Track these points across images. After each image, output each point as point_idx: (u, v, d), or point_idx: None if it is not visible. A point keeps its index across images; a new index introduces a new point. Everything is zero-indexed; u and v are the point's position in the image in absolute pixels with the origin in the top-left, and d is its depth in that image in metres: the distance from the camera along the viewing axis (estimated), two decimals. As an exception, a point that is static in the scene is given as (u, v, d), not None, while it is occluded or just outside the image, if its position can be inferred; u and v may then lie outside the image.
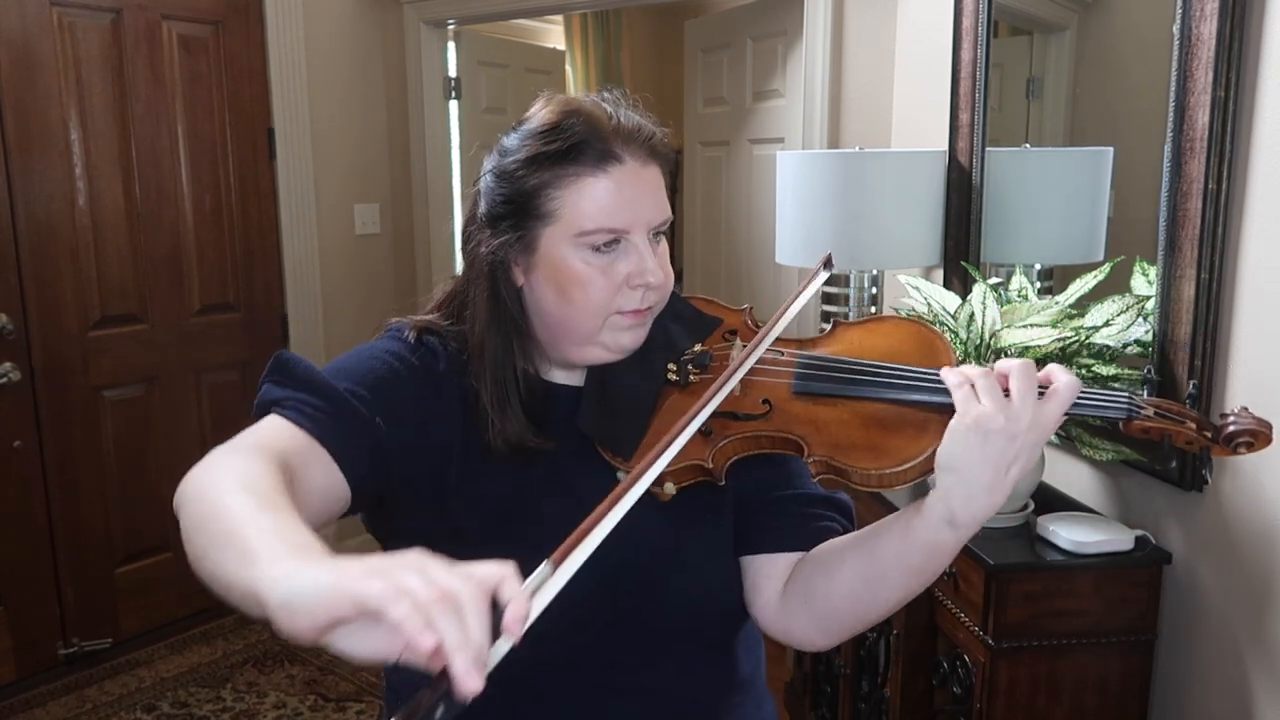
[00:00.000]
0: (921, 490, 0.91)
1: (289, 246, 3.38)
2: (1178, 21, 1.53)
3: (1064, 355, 1.62)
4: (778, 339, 0.99)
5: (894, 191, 2.12)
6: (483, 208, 0.99)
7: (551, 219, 0.95)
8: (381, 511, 1.00)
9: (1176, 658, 1.66)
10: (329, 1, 3.44)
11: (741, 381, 0.95)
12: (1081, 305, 1.70)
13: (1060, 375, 0.85)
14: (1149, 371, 1.61)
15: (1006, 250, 2.16)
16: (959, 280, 2.20)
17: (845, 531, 1.03)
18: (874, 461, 0.88)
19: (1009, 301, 1.75)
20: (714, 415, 0.92)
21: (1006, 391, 0.84)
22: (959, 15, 2.21)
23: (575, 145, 0.94)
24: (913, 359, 0.93)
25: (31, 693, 2.81)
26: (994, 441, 0.82)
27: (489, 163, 1.00)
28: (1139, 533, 1.62)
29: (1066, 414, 0.86)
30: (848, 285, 2.31)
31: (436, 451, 0.97)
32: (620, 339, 0.98)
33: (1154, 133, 1.60)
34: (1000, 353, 1.64)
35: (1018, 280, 1.83)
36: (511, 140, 0.98)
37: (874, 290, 2.32)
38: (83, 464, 2.93)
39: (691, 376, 0.98)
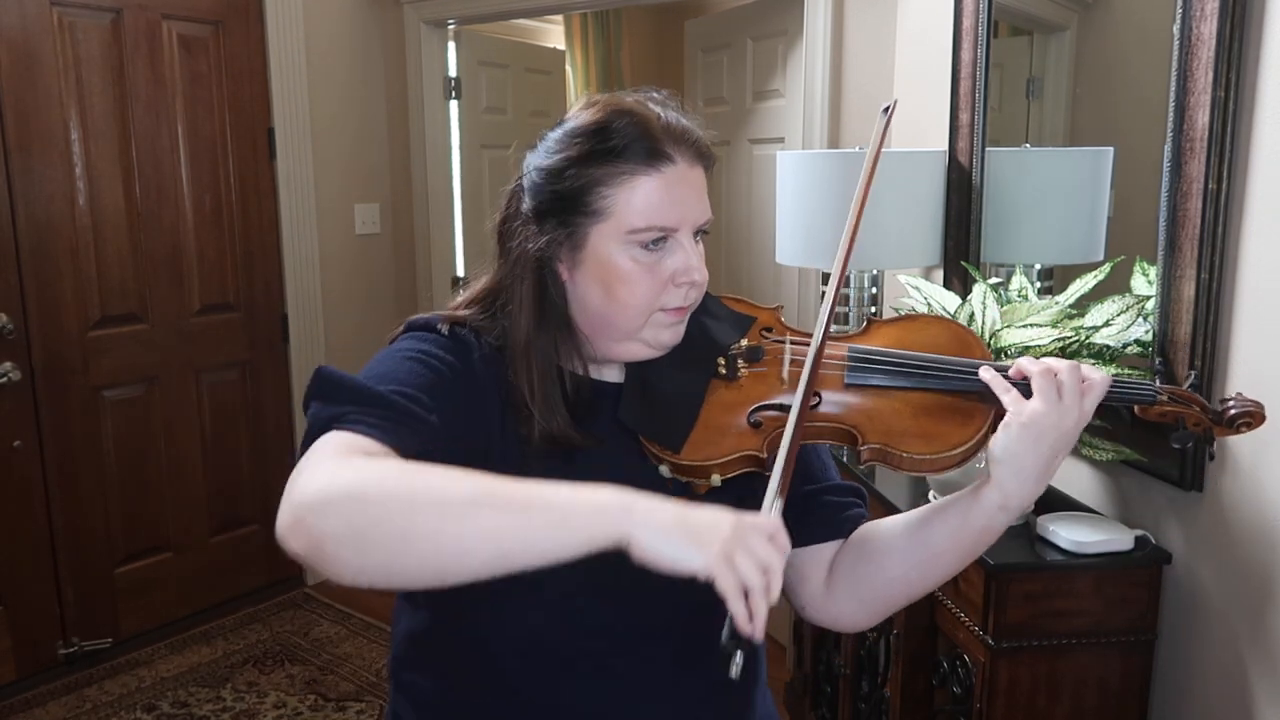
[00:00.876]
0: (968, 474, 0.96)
1: (289, 246, 3.38)
2: (1178, 21, 1.53)
3: (1064, 355, 1.62)
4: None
5: (894, 191, 2.12)
6: (528, 204, 0.99)
7: (602, 216, 0.95)
8: None
9: (1176, 658, 1.66)
10: (329, 1, 3.44)
11: (794, 372, 0.99)
12: (1081, 305, 1.70)
13: (1093, 372, 0.93)
14: (1159, 364, 1.61)
15: (1006, 250, 2.16)
16: (959, 280, 2.20)
17: (866, 514, 1.10)
18: (926, 447, 0.94)
19: (1009, 301, 1.75)
20: (764, 408, 0.97)
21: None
22: (959, 15, 2.21)
23: (628, 144, 0.95)
24: (950, 351, 1.00)
25: (31, 693, 2.81)
26: (1046, 436, 0.90)
27: (533, 159, 1.00)
28: (1139, 533, 1.62)
29: (1106, 404, 0.95)
30: (848, 285, 2.31)
31: (479, 447, 0.97)
32: (661, 335, 0.99)
33: (1154, 133, 1.60)
34: (1000, 353, 1.64)
35: (1018, 280, 1.83)
36: (558, 138, 0.99)
37: (874, 290, 2.32)
38: (83, 464, 2.93)
39: (740, 371, 1.01)
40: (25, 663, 2.86)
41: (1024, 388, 0.92)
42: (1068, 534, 1.60)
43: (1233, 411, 0.96)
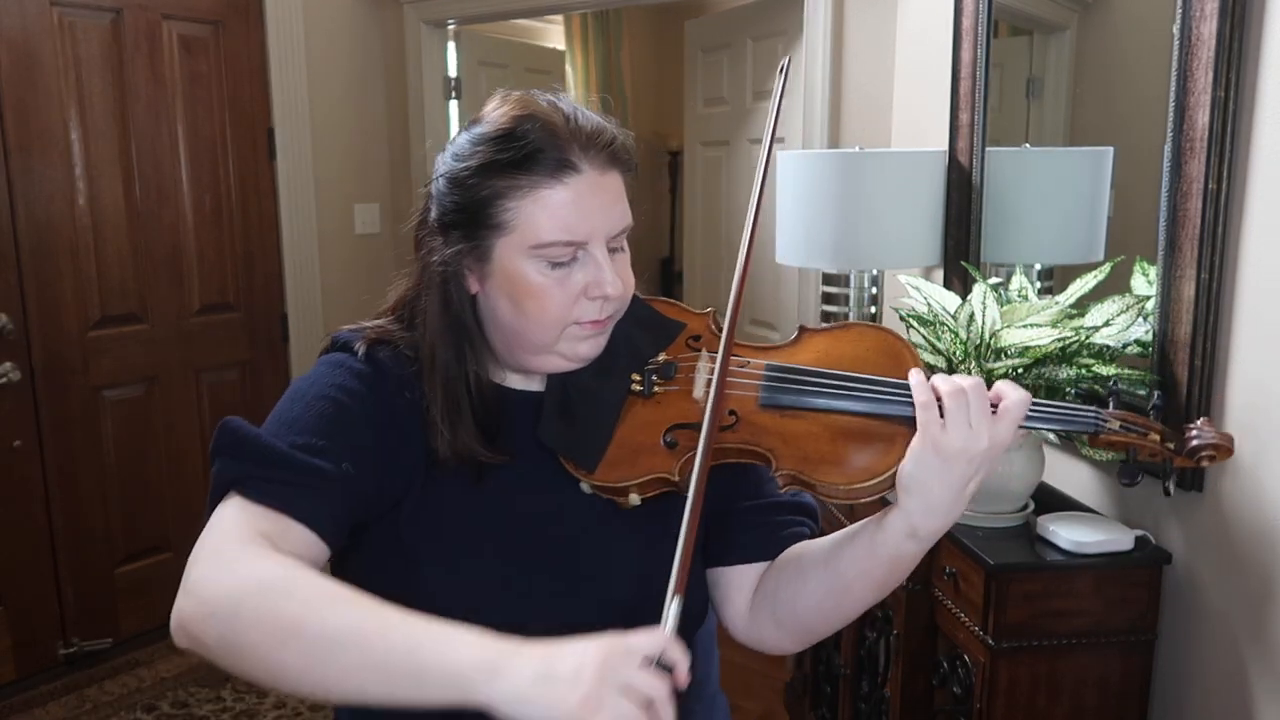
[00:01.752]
0: (883, 502, 0.91)
1: (289, 246, 3.38)
2: (1178, 21, 1.53)
3: (1064, 355, 1.62)
4: (747, 346, 0.97)
5: (894, 191, 2.12)
6: (434, 213, 0.96)
7: (505, 230, 0.91)
8: (353, 540, 0.96)
9: (1176, 658, 1.66)
10: (329, 1, 3.44)
11: (708, 391, 0.92)
12: (1081, 305, 1.70)
13: (1010, 392, 0.85)
14: (1158, 364, 1.61)
15: (1006, 250, 2.16)
16: (959, 280, 2.20)
17: (813, 534, 1.03)
18: (843, 476, 0.87)
19: (1009, 301, 1.75)
20: (679, 427, 0.92)
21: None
22: (959, 15, 2.21)
23: (530, 154, 0.89)
24: (881, 368, 0.92)
25: (31, 693, 2.81)
26: (953, 464, 0.83)
27: (441, 165, 0.96)
28: (1139, 533, 1.62)
29: (1032, 428, 0.88)
30: (848, 285, 2.31)
31: (400, 479, 0.94)
32: (578, 349, 0.95)
33: (1154, 133, 1.60)
34: (1001, 353, 1.64)
35: (1018, 280, 1.83)
36: (464, 143, 0.94)
37: (874, 290, 2.32)
38: (83, 464, 2.93)
39: (656, 387, 0.96)
40: (25, 663, 2.85)
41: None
42: (1068, 534, 1.60)
43: (1194, 442, 0.86)
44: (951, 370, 1.69)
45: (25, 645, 2.85)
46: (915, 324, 1.77)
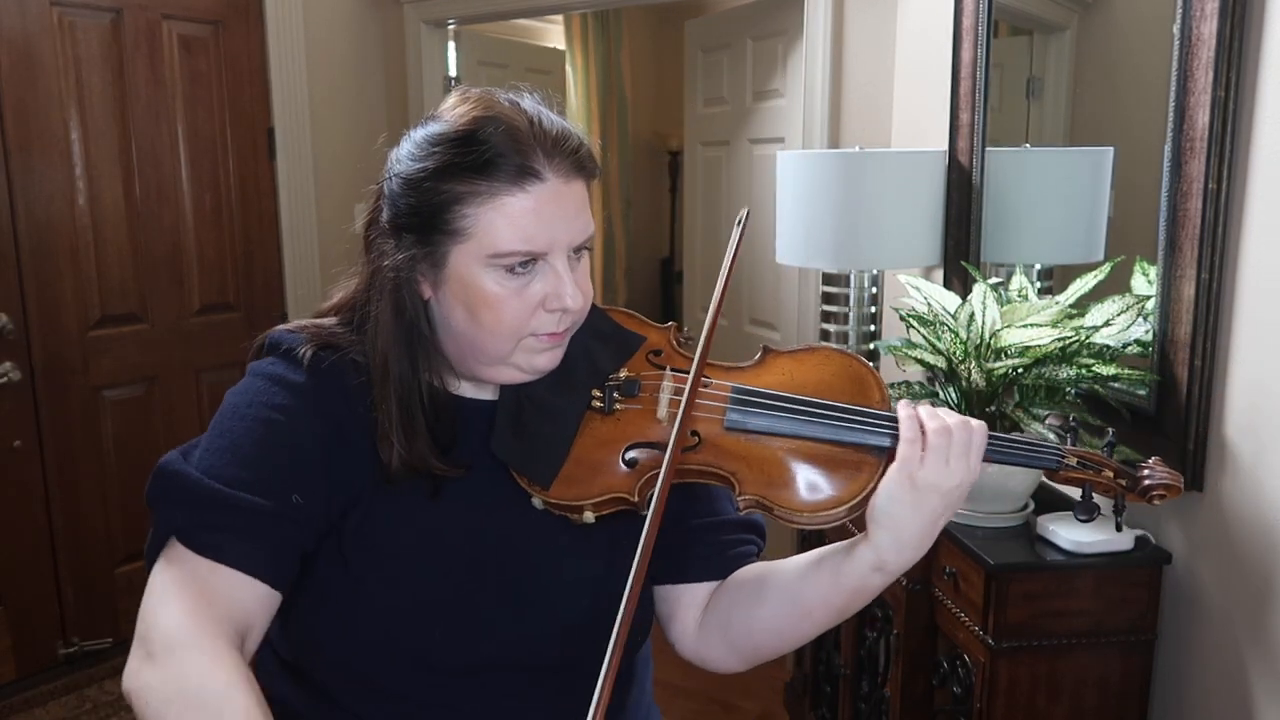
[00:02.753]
0: (846, 531, 0.91)
1: (289, 246, 3.38)
2: (1178, 21, 1.53)
3: (1064, 355, 1.62)
4: (712, 365, 0.95)
5: (894, 191, 2.12)
6: (386, 214, 0.91)
7: (462, 237, 0.86)
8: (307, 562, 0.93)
9: (1176, 658, 1.66)
10: (329, 1, 3.44)
11: (671, 412, 0.91)
12: (1081, 305, 1.70)
13: (974, 427, 0.86)
14: (1158, 365, 1.61)
15: (1006, 250, 2.16)
16: (959, 280, 2.20)
17: (759, 551, 1.02)
18: (807, 503, 0.87)
19: (1009, 301, 1.75)
20: (639, 446, 0.90)
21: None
22: (959, 15, 2.21)
23: (492, 159, 0.85)
24: (845, 394, 0.92)
25: (31, 692, 2.81)
26: (928, 500, 0.83)
27: (394, 163, 0.91)
28: (1139, 533, 1.62)
29: (995, 462, 0.89)
30: (848, 285, 2.31)
31: (346, 494, 0.91)
32: (535, 360, 0.92)
33: (1154, 133, 1.60)
34: (1001, 352, 1.64)
35: (1018, 280, 1.83)
36: (420, 142, 0.89)
37: (874, 290, 2.32)
38: (83, 464, 2.93)
39: (617, 405, 0.93)
40: (25, 662, 2.85)
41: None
42: (1068, 534, 1.60)
43: (1146, 482, 0.90)
44: (952, 370, 1.69)
45: (25, 645, 2.85)
46: (915, 324, 1.77)
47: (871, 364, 0.95)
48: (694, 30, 3.79)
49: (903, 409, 0.87)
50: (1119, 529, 0.95)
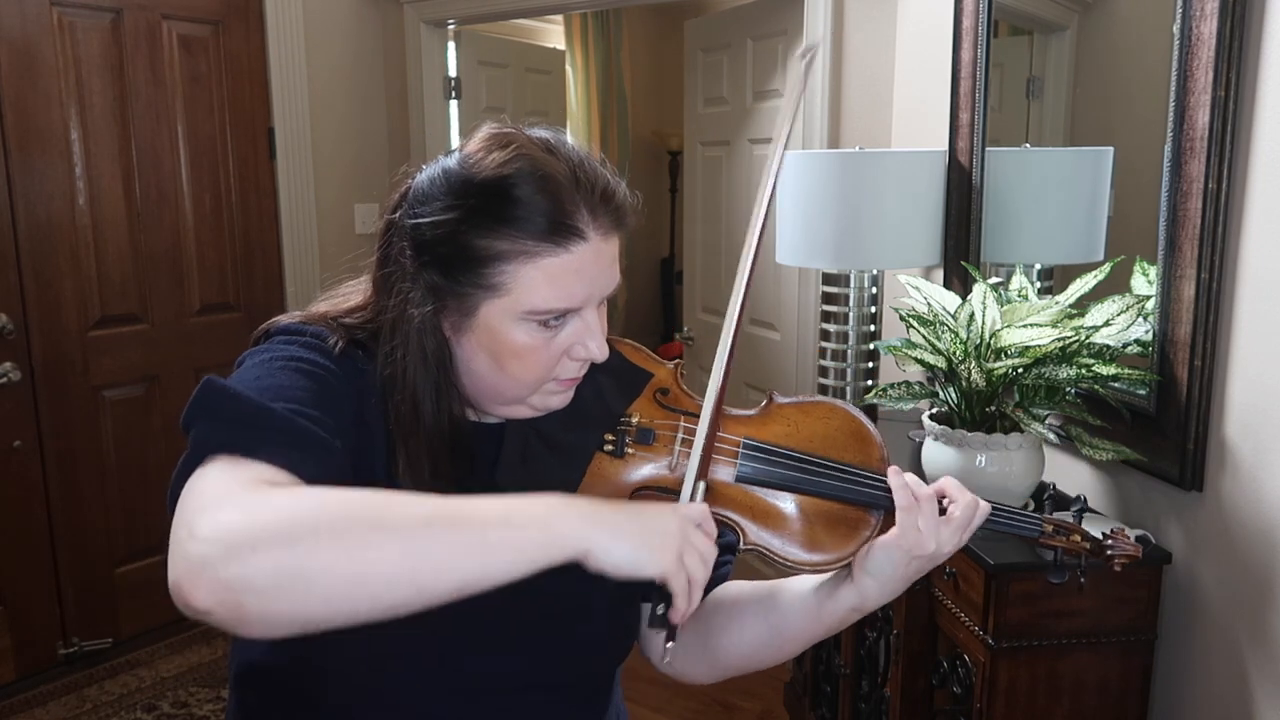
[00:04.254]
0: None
1: (289, 246, 3.38)
2: (1178, 21, 1.53)
3: (1064, 355, 1.62)
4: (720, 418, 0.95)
5: (894, 191, 2.12)
6: (410, 256, 0.85)
7: (498, 292, 0.83)
8: None
9: (1176, 658, 1.66)
10: (329, 1, 3.44)
11: (682, 456, 0.93)
12: (1082, 305, 1.70)
13: (979, 504, 0.92)
14: (1158, 365, 1.61)
15: (1006, 250, 2.16)
16: (959, 280, 2.20)
17: (730, 573, 1.05)
18: (809, 557, 0.92)
19: (1009, 301, 1.75)
20: (648, 489, 0.92)
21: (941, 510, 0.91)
22: (959, 15, 2.21)
23: (532, 218, 0.82)
24: (848, 451, 0.96)
25: (31, 693, 2.81)
26: (917, 562, 0.90)
27: (419, 204, 0.86)
28: (1139, 533, 1.62)
29: (988, 530, 0.95)
30: (848, 285, 2.31)
31: (365, 481, 0.87)
32: (549, 401, 0.91)
33: (1154, 133, 1.60)
34: (1001, 352, 1.64)
35: (1018, 280, 1.83)
36: (455, 186, 0.84)
37: (874, 290, 2.32)
38: (83, 464, 2.93)
39: (629, 450, 0.93)
40: (25, 663, 2.86)
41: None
42: (1068, 534, 1.60)
43: (1109, 552, 1.00)
44: (952, 370, 1.69)
45: (25, 645, 2.85)
46: (915, 324, 1.77)
47: (872, 422, 0.99)
48: (694, 30, 3.79)
49: (894, 478, 0.91)
50: (1080, 588, 1.04)
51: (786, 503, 0.93)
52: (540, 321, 0.85)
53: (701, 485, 0.82)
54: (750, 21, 3.32)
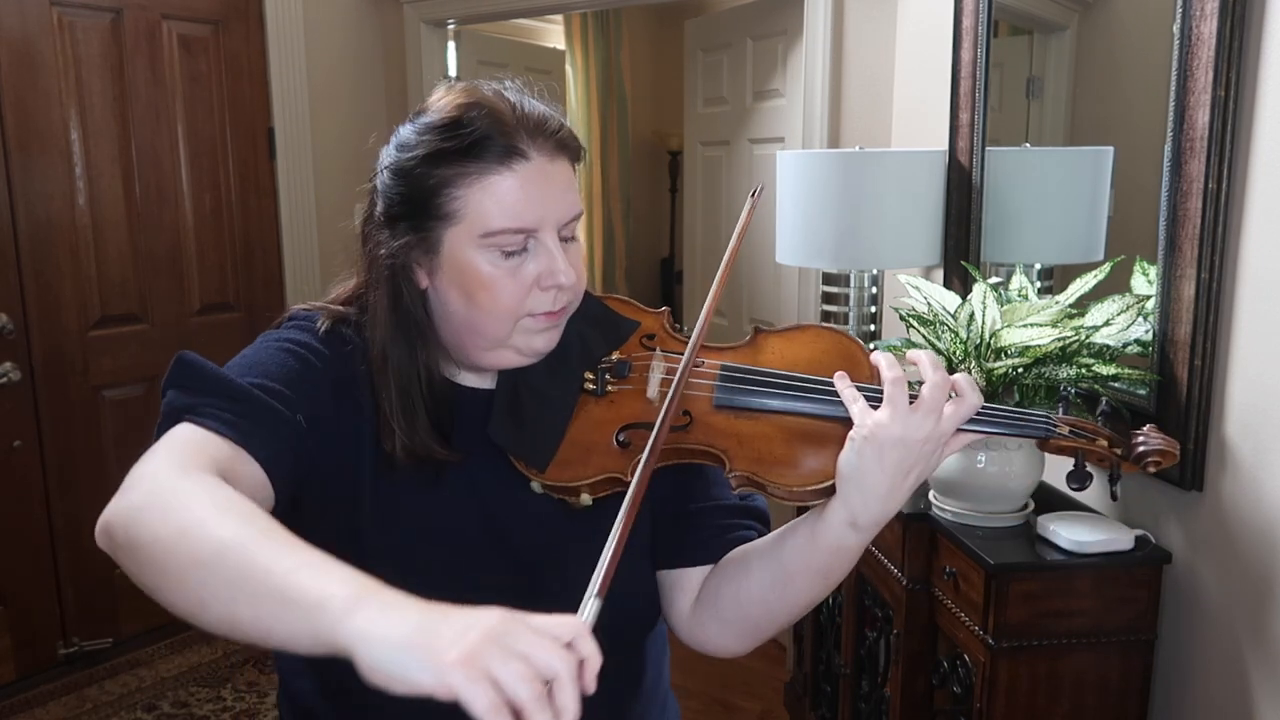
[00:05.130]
0: None
1: (289, 246, 3.38)
2: (1178, 21, 1.53)
3: (1064, 355, 1.62)
4: (703, 347, 0.96)
5: (894, 191, 2.12)
6: (380, 207, 0.94)
7: (454, 219, 0.89)
8: (294, 516, 0.92)
9: (1176, 658, 1.66)
10: (329, 1, 3.44)
11: (662, 391, 0.93)
12: (1082, 305, 1.70)
13: (967, 391, 0.86)
14: (1158, 364, 1.61)
15: (1006, 250, 2.16)
16: (959, 280, 2.20)
17: (751, 537, 1.02)
18: (795, 477, 0.88)
19: (1009, 301, 1.75)
20: (632, 427, 0.91)
21: (913, 397, 0.85)
22: (959, 15, 2.21)
23: (477, 141, 0.88)
24: (835, 369, 0.92)
25: (31, 693, 2.81)
26: (889, 452, 0.83)
27: (385, 157, 0.94)
28: (1139, 532, 1.62)
29: (980, 431, 0.88)
30: (848, 285, 2.31)
31: (349, 456, 0.93)
32: (532, 342, 0.93)
33: (1154, 133, 1.60)
34: (1001, 352, 1.64)
35: (1018, 280, 1.83)
36: (408, 134, 0.92)
37: (874, 290, 2.32)
38: (83, 464, 2.93)
39: (609, 386, 0.95)
40: (25, 663, 2.86)
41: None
42: (1068, 534, 1.60)
43: (1141, 448, 0.89)
44: (952, 370, 1.69)
45: (25, 645, 2.85)
46: (915, 324, 1.77)
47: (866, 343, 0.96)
48: (694, 30, 3.79)
49: (839, 379, 0.88)
50: (1114, 498, 0.94)
51: (771, 426, 0.91)
52: (501, 250, 0.89)
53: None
54: (750, 21, 3.32)
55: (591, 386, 0.95)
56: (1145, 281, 1.69)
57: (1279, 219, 1.43)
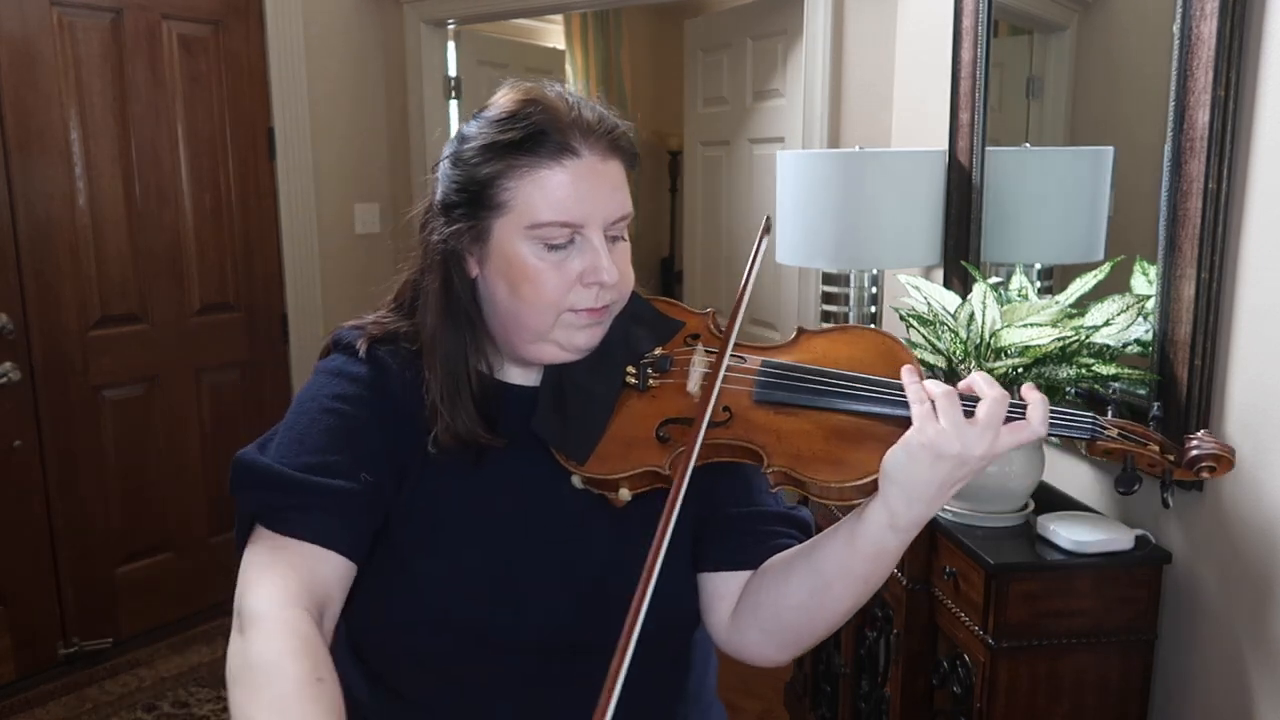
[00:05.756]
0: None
1: (289, 246, 3.38)
2: (1178, 21, 1.53)
3: (1064, 355, 1.62)
4: (745, 345, 0.97)
5: (894, 191, 2.12)
6: (438, 195, 0.97)
7: (504, 210, 0.92)
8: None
9: (1176, 658, 1.66)
10: (329, 1, 3.44)
11: (703, 387, 0.93)
12: (1081, 305, 1.70)
13: (1034, 411, 0.83)
14: (1159, 363, 1.61)
15: (1006, 250, 2.16)
16: (959, 280, 2.20)
17: (790, 545, 1.01)
18: (834, 474, 0.87)
19: (1009, 301, 1.75)
20: (672, 421, 0.92)
21: (968, 411, 0.83)
22: (959, 15, 2.21)
23: (531, 135, 0.91)
24: (877, 369, 0.92)
25: (31, 693, 2.81)
26: (944, 464, 0.82)
27: (448, 148, 0.98)
28: (1139, 532, 1.62)
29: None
30: (848, 285, 2.31)
31: (401, 469, 0.96)
32: (574, 338, 0.95)
33: (1154, 133, 1.60)
34: (1001, 352, 1.64)
35: (1018, 280, 1.83)
36: (470, 127, 0.96)
37: (874, 290, 2.32)
38: (83, 464, 2.93)
39: (651, 381, 0.96)
40: (25, 662, 2.85)
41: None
42: (1068, 534, 1.60)
43: (1194, 453, 0.85)
44: (951, 370, 1.69)
45: (25, 645, 2.85)
46: (915, 324, 1.77)
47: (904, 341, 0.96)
48: (694, 30, 3.79)
49: (906, 374, 0.87)
50: (1166, 505, 0.90)
51: (810, 423, 0.90)
52: (546, 244, 0.92)
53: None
54: (750, 21, 3.32)
55: (633, 381, 0.97)
56: (1145, 281, 1.69)
57: (1279, 219, 1.43)
